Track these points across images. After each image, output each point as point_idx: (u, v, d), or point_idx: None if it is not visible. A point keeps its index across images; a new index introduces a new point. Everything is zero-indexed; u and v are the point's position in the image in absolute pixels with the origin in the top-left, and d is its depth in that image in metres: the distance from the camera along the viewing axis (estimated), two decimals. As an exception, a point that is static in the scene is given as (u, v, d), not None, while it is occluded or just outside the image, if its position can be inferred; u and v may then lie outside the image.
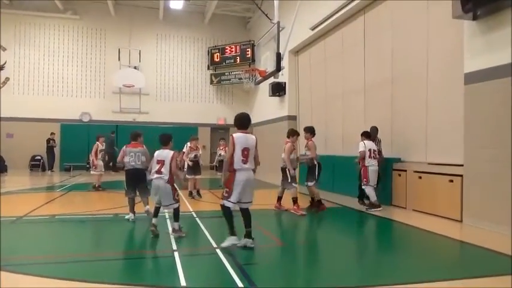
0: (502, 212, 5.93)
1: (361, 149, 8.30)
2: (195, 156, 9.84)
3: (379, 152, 8.60)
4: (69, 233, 6.42)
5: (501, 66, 6.00)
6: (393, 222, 7.27)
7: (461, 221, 6.83)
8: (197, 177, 9.94)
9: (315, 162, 8.25)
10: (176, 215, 5.81)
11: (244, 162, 4.99)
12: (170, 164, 5.69)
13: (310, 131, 8.59)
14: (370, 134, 8.56)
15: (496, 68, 6.09)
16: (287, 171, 7.97)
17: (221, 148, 12.43)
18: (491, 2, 5.91)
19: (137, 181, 6.90)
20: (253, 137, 5.33)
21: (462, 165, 6.82)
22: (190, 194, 9.88)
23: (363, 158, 8.24)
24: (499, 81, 6.04)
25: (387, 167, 8.90)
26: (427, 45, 8.42)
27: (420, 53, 8.58)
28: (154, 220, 5.78)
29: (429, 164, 7.94)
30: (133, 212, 6.95)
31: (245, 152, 4.99)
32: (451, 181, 7.05)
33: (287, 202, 8.29)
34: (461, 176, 6.84)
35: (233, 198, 5.00)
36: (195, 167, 9.86)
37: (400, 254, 5.43)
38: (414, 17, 8.85)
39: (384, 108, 9.89)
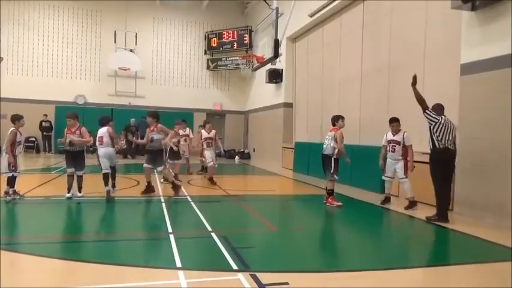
0: (493, 201, 6.05)
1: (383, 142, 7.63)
2: (178, 141, 9.93)
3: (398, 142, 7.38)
4: (64, 214, 6.47)
5: (498, 58, 6.03)
6: (386, 210, 7.38)
7: (451, 210, 6.95)
8: (176, 162, 9.96)
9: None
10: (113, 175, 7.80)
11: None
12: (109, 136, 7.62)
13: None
14: (395, 120, 7.54)
15: (493, 60, 6.12)
16: (332, 160, 7.25)
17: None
18: (490, -8, 5.92)
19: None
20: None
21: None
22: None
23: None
24: (496, 72, 6.08)
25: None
26: (424, 34, 8.42)
27: (418, 42, 8.58)
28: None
29: (423, 153, 8.01)
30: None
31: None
32: (414, 168, 7.18)
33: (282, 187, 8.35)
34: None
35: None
36: (175, 153, 9.81)
37: (389, 240, 5.56)
38: (413, 6, 8.82)
39: (380, 96, 9.93)
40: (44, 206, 6.80)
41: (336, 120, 7.45)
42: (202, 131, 10.29)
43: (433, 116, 6.09)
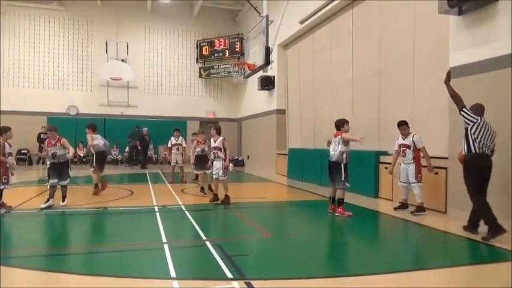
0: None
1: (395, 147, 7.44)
2: (202, 150, 9.42)
3: (408, 146, 7.15)
4: (58, 226, 6.41)
5: (485, 61, 6.13)
6: (379, 214, 7.41)
7: (445, 212, 6.99)
8: (207, 172, 9.38)
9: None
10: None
11: None
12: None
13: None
14: (403, 123, 7.28)
15: (480, 63, 6.22)
16: (342, 167, 6.90)
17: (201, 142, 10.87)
18: (476, -3, 6.02)
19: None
20: None
21: (447, 158, 6.97)
22: (202, 189, 9.32)
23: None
24: (483, 75, 6.17)
25: (375, 160, 9.04)
26: (413, 39, 8.54)
27: (407, 46, 8.69)
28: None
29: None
30: None
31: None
32: (436, 173, 7.20)
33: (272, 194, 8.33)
34: (446, 168, 7.00)
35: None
36: (202, 162, 9.40)
37: (385, 244, 5.57)
38: (401, 11, 8.95)
39: (372, 101, 10.01)
40: (37, 218, 6.72)
41: (342, 124, 7.01)
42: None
43: (470, 115, 5.40)
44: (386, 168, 8.78)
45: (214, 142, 8.08)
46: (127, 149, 18.37)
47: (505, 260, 4.36)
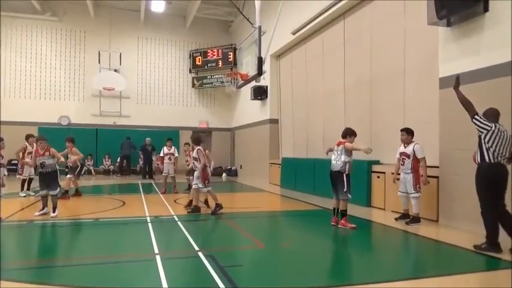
0: (477, 211, 6.14)
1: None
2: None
3: (407, 155, 7.01)
4: (48, 237, 6.33)
5: (473, 71, 6.24)
6: (372, 223, 7.42)
7: (437, 221, 7.03)
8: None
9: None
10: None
11: None
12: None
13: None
14: (403, 129, 7.13)
15: (469, 73, 6.32)
16: (344, 177, 6.67)
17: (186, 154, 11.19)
18: (463, 9, 6.15)
19: None
20: None
21: (438, 167, 7.04)
22: (205, 202, 8.87)
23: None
24: (472, 85, 6.26)
25: (367, 169, 9.09)
26: (404, 50, 8.67)
27: (397, 56, 8.82)
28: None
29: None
30: None
31: None
32: (428, 182, 7.25)
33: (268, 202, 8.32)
34: (437, 177, 7.05)
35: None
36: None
37: (377, 253, 5.57)
38: (392, 23, 9.09)
39: (364, 111, 10.10)
40: (27, 230, 6.63)
41: (350, 134, 6.78)
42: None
43: (484, 123, 5.04)
44: (378, 177, 8.85)
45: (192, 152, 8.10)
46: (118, 159, 18.28)
47: (498, 268, 4.39)
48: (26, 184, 10.48)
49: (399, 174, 7.19)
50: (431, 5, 6.47)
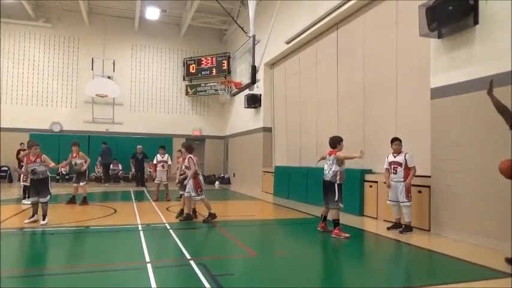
0: (468, 221, 6.20)
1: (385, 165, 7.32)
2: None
3: (399, 164, 7.03)
4: (38, 245, 6.24)
5: (463, 83, 6.33)
6: (365, 232, 7.43)
7: (429, 230, 7.06)
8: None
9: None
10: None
11: None
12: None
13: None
14: (396, 139, 7.18)
15: (458, 84, 6.42)
16: (336, 187, 6.68)
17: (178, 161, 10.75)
18: (454, 22, 6.26)
19: None
20: None
21: (430, 177, 7.09)
22: (193, 211, 8.48)
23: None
24: (462, 96, 6.35)
25: (360, 178, 9.12)
26: (396, 60, 8.78)
27: (390, 67, 8.93)
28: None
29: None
30: None
31: None
32: (420, 192, 7.30)
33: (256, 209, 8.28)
34: (429, 187, 7.10)
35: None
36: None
37: (369, 262, 5.57)
38: (384, 34, 9.22)
39: (356, 120, 10.17)
40: (16, 238, 6.53)
41: (337, 142, 6.83)
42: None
43: None
44: (371, 186, 8.88)
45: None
46: (101, 169, 18.16)
47: (492, 278, 4.41)
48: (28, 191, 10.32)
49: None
50: (423, 17, 6.58)
